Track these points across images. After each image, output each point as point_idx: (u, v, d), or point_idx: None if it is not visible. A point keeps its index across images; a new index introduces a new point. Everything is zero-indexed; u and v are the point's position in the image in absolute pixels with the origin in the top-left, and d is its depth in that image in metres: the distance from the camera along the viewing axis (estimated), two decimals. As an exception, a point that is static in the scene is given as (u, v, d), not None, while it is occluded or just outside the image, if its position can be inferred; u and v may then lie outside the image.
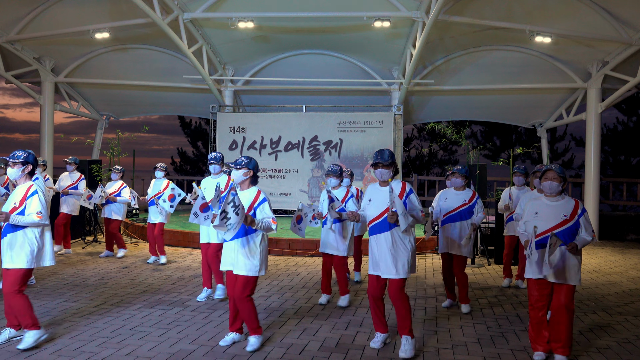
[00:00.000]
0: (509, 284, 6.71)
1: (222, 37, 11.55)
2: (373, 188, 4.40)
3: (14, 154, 4.27)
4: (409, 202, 4.21)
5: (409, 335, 4.16)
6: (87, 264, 7.68)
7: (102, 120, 14.77)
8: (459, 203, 5.60)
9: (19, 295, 4.15)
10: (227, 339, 4.34)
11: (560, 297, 3.99)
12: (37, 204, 4.19)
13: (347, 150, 12.17)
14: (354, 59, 12.64)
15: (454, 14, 9.57)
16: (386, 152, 4.27)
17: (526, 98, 13.04)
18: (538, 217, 4.06)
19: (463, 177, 5.66)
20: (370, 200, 4.33)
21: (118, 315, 5.09)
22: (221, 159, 5.84)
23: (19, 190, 4.26)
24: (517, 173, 6.76)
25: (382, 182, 4.30)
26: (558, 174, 4.03)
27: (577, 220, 4.00)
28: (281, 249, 8.78)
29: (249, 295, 4.21)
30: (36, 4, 10.40)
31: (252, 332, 4.26)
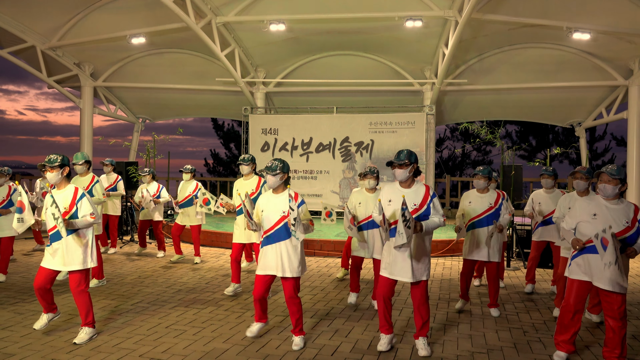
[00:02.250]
0: (532, 289, 6.41)
1: (254, 39, 11.69)
2: (392, 188, 4.27)
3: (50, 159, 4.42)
4: (432, 207, 4.15)
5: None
6: (124, 263, 7.89)
7: (139, 123, 15.16)
8: (484, 207, 5.39)
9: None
10: (254, 329, 4.50)
11: (613, 305, 3.81)
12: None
13: (378, 151, 12.10)
14: (385, 60, 12.58)
15: (488, 12, 9.40)
16: (403, 151, 4.18)
17: (563, 97, 12.68)
18: (597, 219, 3.85)
19: (485, 178, 5.43)
20: (391, 201, 4.21)
21: (154, 313, 5.21)
22: (250, 160, 5.90)
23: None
24: (544, 175, 6.42)
25: (401, 182, 4.21)
26: (612, 176, 3.85)
27: (638, 227, 3.83)
28: (313, 249, 8.80)
29: (298, 295, 4.38)
30: (76, 11, 10.77)
31: (299, 332, 4.36)
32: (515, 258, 8.55)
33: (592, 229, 3.85)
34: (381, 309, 4.24)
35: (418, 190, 4.17)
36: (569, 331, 4.04)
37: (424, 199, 4.14)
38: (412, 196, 4.13)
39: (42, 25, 11.05)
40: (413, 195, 4.15)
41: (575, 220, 4.03)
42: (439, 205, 4.19)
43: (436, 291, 6.39)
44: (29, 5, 10.29)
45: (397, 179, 4.19)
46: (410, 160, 4.13)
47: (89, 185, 6.39)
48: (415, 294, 4.19)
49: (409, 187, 4.20)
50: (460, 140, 21.52)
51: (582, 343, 4.54)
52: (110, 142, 11.43)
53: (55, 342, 4.31)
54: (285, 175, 4.36)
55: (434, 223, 4.12)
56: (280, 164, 4.34)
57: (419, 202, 4.14)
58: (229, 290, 5.98)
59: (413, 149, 11.83)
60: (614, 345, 3.85)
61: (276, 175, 4.30)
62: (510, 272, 7.65)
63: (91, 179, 6.47)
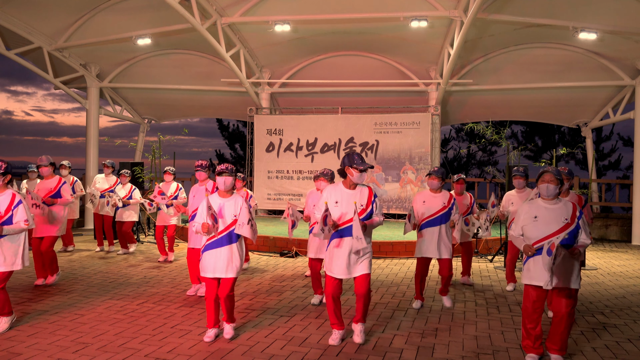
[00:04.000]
0: (513, 288, 6.47)
1: (259, 40, 11.70)
2: (337, 190, 4.48)
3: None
4: (375, 207, 4.46)
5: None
6: (130, 263, 7.92)
7: (144, 123, 15.21)
8: (438, 207, 5.60)
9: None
10: (211, 334, 4.51)
11: (562, 302, 3.94)
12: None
13: (383, 151, 12.09)
14: (390, 60, 12.56)
15: (493, 12, 9.37)
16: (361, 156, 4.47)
17: (570, 97, 12.61)
18: (538, 221, 3.98)
19: (439, 178, 5.65)
20: (337, 202, 4.41)
21: (160, 313, 5.22)
22: (206, 167, 6.05)
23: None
24: (516, 176, 6.44)
25: (348, 185, 4.44)
26: (555, 176, 3.98)
27: (577, 223, 3.94)
28: (318, 250, 8.79)
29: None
30: (82, 12, 10.82)
31: (232, 321, 4.58)
32: (520, 259, 8.51)
33: (534, 231, 3.98)
34: (330, 306, 4.41)
35: (363, 192, 4.43)
36: (536, 333, 4.07)
37: (369, 199, 4.42)
38: (357, 197, 4.40)
39: (48, 27, 11.12)
40: (358, 196, 4.40)
41: (520, 225, 4.12)
42: (380, 205, 4.50)
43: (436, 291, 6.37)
44: (35, 7, 10.35)
45: (358, 182, 4.40)
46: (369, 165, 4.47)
47: (56, 187, 6.50)
48: (363, 285, 4.35)
49: (354, 188, 4.44)
50: (466, 140, 21.46)
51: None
52: (116, 142, 11.51)
53: (62, 342, 4.33)
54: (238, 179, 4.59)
55: (376, 222, 4.44)
56: (231, 166, 4.55)
57: (364, 203, 4.40)
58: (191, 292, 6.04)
59: (418, 149, 11.85)
60: (557, 339, 4.01)
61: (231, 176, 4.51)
62: (515, 272, 7.61)
63: (58, 181, 6.57)
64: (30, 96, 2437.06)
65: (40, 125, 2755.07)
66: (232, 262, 4.41)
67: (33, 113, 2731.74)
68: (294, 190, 12.51)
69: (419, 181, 11.83)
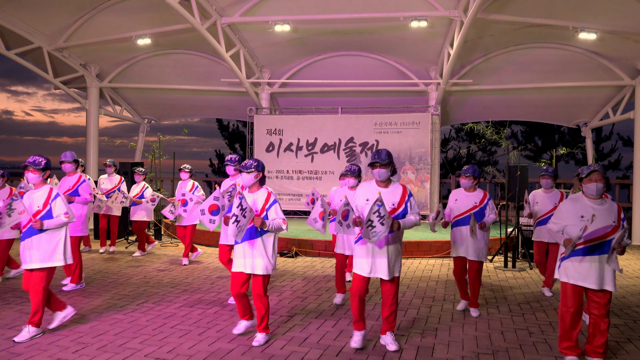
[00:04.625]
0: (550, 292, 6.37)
1: (259, 40, 11.70)
2: (369, 187, 4.34)
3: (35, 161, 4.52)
4: (409, 206, 4.30)
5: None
6: (130, 263, 7.92)
7: (144, 123, 15.21)
8: (469, 205, 5.46)
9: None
10: (240, 327, 4.54)
11: (601, 304, 3.89)
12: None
13: (383, 151, 12.06)
14: (390, 60, 12.56)
15: (493, 12, 9.37)
16: (383, 151, 4.29)
17: (569, 97, 12.62)
18: (584, 221, 3.87)
19: (471, 177, 5.49)
20: (368, 200, 4.24)
21: (159, 313, 5.23)
22: (237, 161, 5.85)
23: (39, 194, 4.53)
24: (544, 175, 6.37)
25: (379, 182, 4.30)
26: (602, 175, 3.90)
27: (622, 225, 3.88)
28: (317, 250, 8.81)
29: (266, 293, 4.39)
30: (82, 12, 10.82)
31: (263, 330, 4.40)
32: (520, 259, 8.52)
33: (579, 231, 3.83)
34: (355, 306, 4.28)
35: (396, 190, 4.29)
36: (574, 335, 3.99)
37: (402, 198, 4.27)
38: (389, 195, 4.24)
39: (48, 27, 11.11)
40: (391, 194, 4.25)
41: (562, 223, 4.05)
42: (415, 204, 4.33)
43: (441, 292, 6.38)
44: (35, 7, 10.35)
45: (378, 178, 4.27)
46: (390, 160, 4.27)
47: (75, 185, 6.41)
48: (389, 290, 4.27)
49: (386, 186, 4.30)
50: (466, 140, 21.46)
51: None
52: (116, 142, 11.50)
53: (62, 342, 4.33)
54: (259, 173, 4.42)
55: (410, 221, 4.25)
56: (255, 162, 4.42)
57: (397, 202, 4.25)
58: None
59: (418, 149, 11.85)
60: (598, 342, 3.95)
61: (250, 173, 4.37)
62: (515, 272, 7.62)
63: (77, 179, 6.48)
64: (30, 96, 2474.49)
65: (40, 125, 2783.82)
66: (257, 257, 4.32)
67: (33, 113, 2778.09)
68: (294, 190, 12.51)
69: (419, 181, 11.83)
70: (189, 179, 8.03)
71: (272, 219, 4.29)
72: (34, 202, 4.47)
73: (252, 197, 4.38)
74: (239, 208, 4.04)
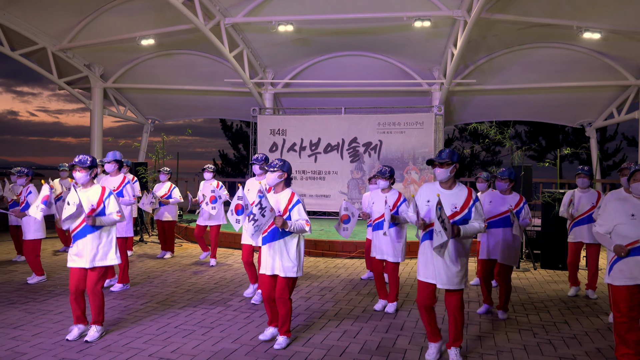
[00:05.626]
0: (576, 292, 6.30)
1: (262, 40, 11.72)
2: (432, 188, 4.05)
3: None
4: (474, 211, 3.95)
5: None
6: (134, 263, 7.93)
7: (148, 123, 15.25)
8: (505, 208, 5.37)
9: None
10: (267, 333, 4.45)
11: None
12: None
13: (386, 151, 12.08)
14: (393, 60, 12.55)
15: (497, 12, 9.36)
16: (445, 150, 4.00)
17: (574, 96, 12.58)
18: (637, 219, 3.72)
19: (507, 180, 5.44)
20: (429, 201, 3.98)
21: (163, 313, 5.23)
22: (263, 160, 5.76)
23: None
24: (580, 174, 6.25)
25: (441, 183, 4.01)
26: None
27: None
28: (321, 250, 8.80)
29: (289, 297, 4.31)
30: (86, 13, 10.87)
31: (284, 333, 4.34)
32: (525, 259, 8.50)
33: (632, 230, 3.73)
34: (423, 317, 4.07)
35: (459, 193, 3.95)
36: (629, 342, 3.76)
37: (466, 202, 3.91)
38: (452, 198, 3.92)
39: (53, 27, 11.16)
40: (454, 197, 3.93)
41: (611, 224, 3.88)
42: (481, 209, 3.94)
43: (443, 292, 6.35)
44: (40, 8, 10.39)
45: (437, 178, 3.98)
46: (452, 159, 3.90)
47: (119, 186, 6.33)
48: (449, 302, 4.00)
49: (449, 188, 3.98)
50: (469, 140, 21.42)
51: (593, 345, 4.50)
52: (120, 142, 11.50)
53: (66, 341, 4.34)
54: (284, 174, 4.34)
55: (473, 228, 3.87)
56: (281, 162, 4.36)
57: (459, 205, 3.90)
58: (248, 292, 5.88)
59: (422, 149, 11.83)
60: None
61: (274, 172, 4.31)
62: (519, 273, 7.60)
63: (122, 180, 6.39)
64: (35, 97, 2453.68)
65: (45, 125, 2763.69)
66: (279, 259, 4.28)
67: (38, 113, 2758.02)
68: (297, 191, 12.45)
69: (423, 181, 11.80)
70: (212, 179, 8.02)
71: (294, 220, 4.22)
72: (87, 200, 4.44)
73: (275, 198, 4.33)
74: (257, 207, 3.99)
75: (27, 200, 6.52)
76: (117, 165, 6.41)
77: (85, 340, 4.34)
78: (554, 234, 7.90)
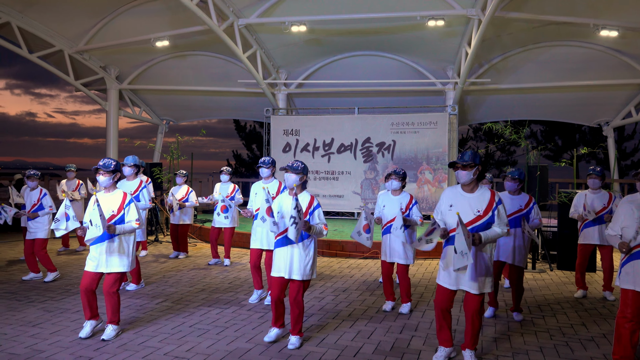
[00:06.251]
0: (583, 295, 6.20)
1: (275, 41, 11.75)
2: (454, 192, 3.98)
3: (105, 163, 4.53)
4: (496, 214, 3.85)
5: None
6: (148, 263, 8.01)
7: (162, 124, 15.39)
8: (514, 208, 5.33)
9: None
10: (272, 335, 4.44)
11: None
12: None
13: (400, 151, 12.02)
14: (407, 59, 12.50)
15: (512, 10, 9.26)
16: (468, 151, 3.91)
17: (590, 95, 12.41)
18: None
19: (517, 180, 5.37)
20: (452, 206, 3.91)
21: (178, 312, 5.28)
22: (271, 163, 5.70)
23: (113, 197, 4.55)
24: (592, 175, 6.15)
25: (463, 185, 3.93)
26: None
27: None
28: (334, 250, 8.80)
29: (302, 298, 4.35)
30: (102, 15, 11.00)
31: (297, 333, 4.35)
32: (541, 260, 8.40)
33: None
34: (439, 319, 4.03)
35: (482, 196, 3.86)
36: (629, 345, 3.73)
37: (489, 205, 3.81)
38: (475, 202, 3.84)
39: (69, 30, 11.32)
40: (476, 200, 3.84)
41: (620, 225, 3.85)
42: (504, 213, 3.84)
43: (460, 293, 6.31)
44: (56, 11, 10.55)
45: (459, 181, 3.89)
46: (475, 161, 3.82)
47: (136, 190, 6.39)
48: (469, 305, 3.93)
49: (472, 191, 3.90)
50: (484, 140, 21.24)
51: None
52: (135, 143, 11.62)
53: (83, 340, 4.40)
54: (304, 176, 4.37)
55: (494, 233, 3.80)
56: (302, 164, 4.38)
57: (482, 209, 3.81)
58: (253, 299, 5.78)
59: (436, 149, 11.76)
60: None
61: (297, 174, 4.32)
62: (535, 274, 7.52)
63: (139, 184, 6.44)
64: (52, 98, 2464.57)
65: (62, 126, 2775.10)
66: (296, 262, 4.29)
67: (55, 115, 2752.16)
68: (310, 191, 12.51)
69: (437, 181, 11.74)
70: (229, 181, 8.09)
71: (315, 224, 4.27)
72: (108, 206, 4.48)
73: (289, 200, 4.36)
74: (295, 209, 4.02)
75: (41, 202, 6.64)
76: (135, 170, 6.49)
77: (101, 338, 4.40)
78: (570, 235, 7.80)
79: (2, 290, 6.11)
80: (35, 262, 6.73)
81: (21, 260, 7.94)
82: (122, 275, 4.59)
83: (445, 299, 3.97)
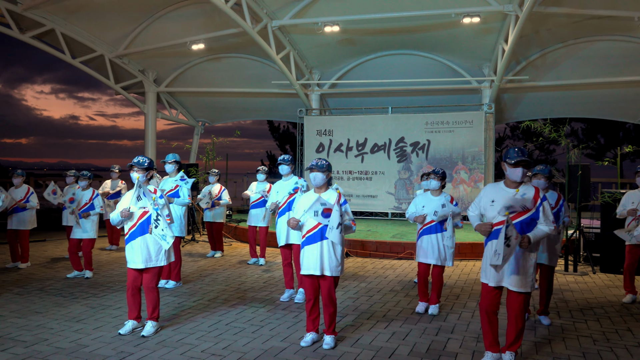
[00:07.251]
0: (632, 300, 5.92)
1: (308, 42, 11.80)
2: (496, 188, 3.93)
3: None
4: (541, 211, 3.77)
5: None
6: (185, 262, 8.18)
7: (198, 126, 15.70)
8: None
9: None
10: (308, 339, 4.38)
11: None
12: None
13: (434, 151, 11.87)
14: (441, 58, 12.33)
15: (551, 5, 9.01)
16: (522, 149, 3.83)
17: (634, 91, 11.91)
18: None
19: (546, 177, 5.20)
20: (494, 201, 3.85)
21: (215, 310, 5.36)
22: (290, 160, 5.78)
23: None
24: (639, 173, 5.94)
25: (513, 182, 3.82)
26: None
27: None
28: (368, 251, 8.76)
29: (335, 294, 4.36)
30: (140, 21, 11.32)
31: (331, 332, 4.36)
32: (582, 262, 8.13)
33: None
34: (484, 323, 3.91)
35: (526, 192, 3.81)
36: None
37: (533, 202, 3.77)
38: (519, 198, 3.81)
39: (109, 36, 11.70)
40: (520, 197, 3.81)
41: None
42: (549, 210, 3.77)
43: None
44: (97, 18, 10.92)
45: (516, 179, 3.79)
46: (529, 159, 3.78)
47: (177, 187, 6.49)
48: (513, 304, 3.86)
49: (516, 187, 3.83)
50: (522, 139, 20.70)
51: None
52: (172, 144, 11.88)
53: (124, 336, 4.53)
54: (329, 174, 4.40)
55: (542, 232, 3.74)
56: (327, 162, 4.40)
57: (527, 205, 3.79)
58: (284, 297, 5.83)
59: (471, 148, 11.55)
60: None
61: (324, 172, 4.34)
62: (577, 277, 7.28)
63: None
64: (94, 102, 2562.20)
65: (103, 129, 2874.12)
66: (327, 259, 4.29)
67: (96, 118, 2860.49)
68: (344, 191, 12.52)
69: (472, 181, 11.53)
70: (265, 180, 8.28)
71: (344, 220, 4.26)
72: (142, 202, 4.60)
73: (315, 196, 4.38)
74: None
75: (93, 202, 6.88)
76: (177, 166, 6.64)
77: (141, 335, 4.52)
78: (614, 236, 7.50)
79: (49, 286, 6.36)
80: (79, 261, 6.97)
81: (65, 258, 8.24)
82: (160, 269, 4.70)
83: (490, 302, 3.87)
